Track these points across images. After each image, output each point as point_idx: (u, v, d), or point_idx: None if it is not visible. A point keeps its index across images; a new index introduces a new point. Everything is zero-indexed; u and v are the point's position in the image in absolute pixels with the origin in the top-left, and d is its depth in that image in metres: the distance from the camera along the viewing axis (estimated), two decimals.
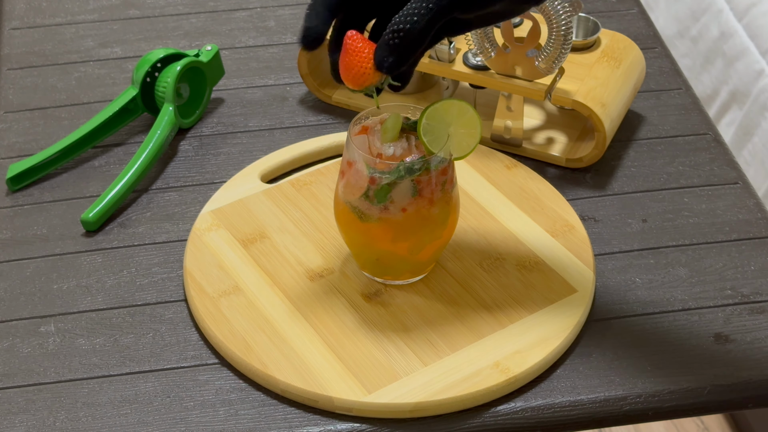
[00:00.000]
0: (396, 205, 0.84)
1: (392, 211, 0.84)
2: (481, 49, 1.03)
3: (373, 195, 0.84)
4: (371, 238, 0.87)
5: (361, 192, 0.84)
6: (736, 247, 0.97)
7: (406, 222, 0.85)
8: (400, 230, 0.85)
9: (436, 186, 0.84)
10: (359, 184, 0.84)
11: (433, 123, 0.83)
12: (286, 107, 1.14)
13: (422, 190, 0.84)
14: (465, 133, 0.84)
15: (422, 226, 0.86)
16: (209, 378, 0.87)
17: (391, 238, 0.86)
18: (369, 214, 0.85)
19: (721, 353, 0.88)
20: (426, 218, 0.85)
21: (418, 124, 0.82)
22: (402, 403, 0.82)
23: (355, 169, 0.84)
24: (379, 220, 0.85)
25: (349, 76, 0.79)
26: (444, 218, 0.87)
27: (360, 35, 0.79)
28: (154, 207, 1.02)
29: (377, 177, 0.83)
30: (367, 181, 0.83)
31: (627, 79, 1.07)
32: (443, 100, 0.84)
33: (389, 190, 0.83)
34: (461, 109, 0.83)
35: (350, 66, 0.79)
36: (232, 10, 1.28)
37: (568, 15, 0.97)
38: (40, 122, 1.12)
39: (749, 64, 1.59)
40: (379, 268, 0.90)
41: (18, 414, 0.84)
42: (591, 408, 0.84)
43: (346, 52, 0.79)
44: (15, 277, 0.95)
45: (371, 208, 0.84)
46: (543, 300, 0.90)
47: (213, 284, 0.92)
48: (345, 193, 0.86)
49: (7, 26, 1.26)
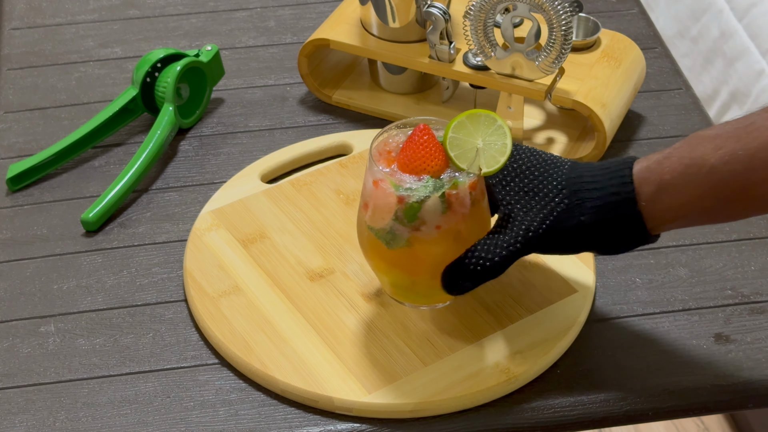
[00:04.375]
0: (428, 225, 0.80)
1: (424, 231, 0.80)
2: (481, 49, 1.03)
3: (403, 215, 0.80)
4: (405, 262, 0.83)
5: (390, 215, 0.80)
6: (737, 247, 0.97)
7: (440, 240, 0.81)
8: (434, 249, 0.82)
9: (467, 201, 0.81)
10: (388, 207, 0.80)
11: (460, 136, 0.80)
12: (286, 107, 1.14)
13: (452, 206, 0.80)
14: (494, 145, 0.80)
15: (455, 243, 0.81)
16: (209, 378, 0.87)
17: (424, 260, 0.82)
18: (400, 237, 0.81)
19: (722, 353, 0.88)
20: (458, 234, 0.81)
21: (444, 138, 0.79)
22: (402, 403, 0.82)
23: (381, 191, 0.80)
24: (409, 243, 0.81)
25: (408, 166, 0.79)
26: (478, 233, 0.82)
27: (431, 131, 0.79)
28: (154, 207, 1.02)
29: (406, 195, 0.79)
30: (396, 201, 0.80)
31: (627, 79, 1.07)
32: (469, 111, 0.80)
33: (419, 208, 0.79)
34: (488, 120, 0.80)
35: (414, 157, 0.79)
36: (232, 10, 1.28)
37: (568, 15, 0.97)
38: (40, 122, 1.12)
39: (749, 65, 1.59)
40: (412, 293, 0.87)
41: (18, 414, 0.84)
42: (591, 408, 0.84)
43: (413, 143, 0.79)
44: (15, 277, 0.95)
45: (402, 230, 0.80)
46: (543, 300, 0.90)
47: (213, 284, 0.92)
48: (374, 219, 0.82)
49: (7, 26, 1.26)
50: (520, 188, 0.81)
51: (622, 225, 0.78)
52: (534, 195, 0.80)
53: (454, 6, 1.10)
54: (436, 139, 0.79)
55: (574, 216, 0.79)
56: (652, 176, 0.77)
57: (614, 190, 0.78)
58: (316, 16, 1.27)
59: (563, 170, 0.81)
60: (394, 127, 0.83)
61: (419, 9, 1.07)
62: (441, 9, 1.04)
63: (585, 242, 0.80)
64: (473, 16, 1.01)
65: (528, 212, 0.80)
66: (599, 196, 0.78)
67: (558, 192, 0.80)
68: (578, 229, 0.79)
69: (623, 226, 0.78)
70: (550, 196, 0.80)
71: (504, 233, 0.80)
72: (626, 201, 0.77)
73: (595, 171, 0.80)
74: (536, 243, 0.80)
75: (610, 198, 0.78)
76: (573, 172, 0.80)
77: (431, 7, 1.04)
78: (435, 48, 1.06)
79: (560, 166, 0.81)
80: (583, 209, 0.78)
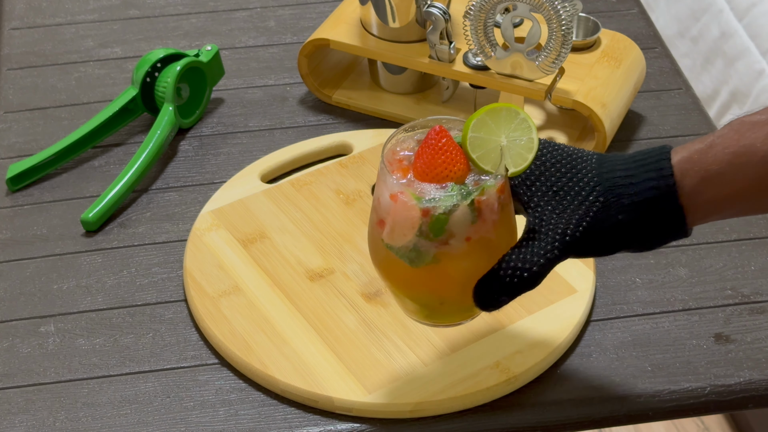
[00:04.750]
0: (457, 237, 0.73)
1: (453, 245, 0.73)
2: (481, 49, 1.03)
3: (428, 229, 0.72)
4: (431, 281, 0.75)
5: (413, 231, 0.73)
6: (737, 247, 0.97)
7: (470, 252, 0.74)
8: (464, 264, 0.74)
9: (496, 207, 0.73)
10: (410, 222, 0.72)
11: (481, 135, 0.72)
12: (286, 107, 1.14)
13: (482, 213, 0.73)
14: (519, 142, 0.73)
15: (486, 254, 0.74)
16: (209, 378, 0.87)
17: (453, 276, 0.75)
18: (425, 254, 0.73)
19: (722, 353, 0.88)
20: (489, 244, 0.74)
21: (464, 139, 0.72)
22: (402, 403, 0.82)
23: (401, 205, 0.72)
24: (436, 259, 0.73)
25: (428, 174, 0.72)
26: (508, 240, 0.75)
27: (448, 133, 0.72)
28: (154, 207, 1.02)
29: (431, 207, 0.71)
30: (419, 215, 0.72)
31: (627, 79, 1.07)
32: (488, 107, 0.72)
33: (446, 220, 0.72)
34: (510, 114, 0.72)
35: (433, 163, 0.71)
36: (232, 10, 1.28)
37: (568, 15, 0.97)
38: (40, 122, 1.12)
39: (750, 64, 1.59)
40: (438, 313, 0.80)
41: (18, 414, 0.84)
42: (591, 408, 0.84)
43: (431, 148, 0.72)
44: (15, 277, 0.95)
45: (428, 246, 0.73)
46: (543, 300, 0.90)
47: (213, 284, 0.92)
48: (393, 237, 0.74)
49: (7, 26, 1.26)
50: (548, 188, 0.75)
51: (661, 221, 0.72)
52: (565, 194, 0.74)
53: (454, 6, 1.10)
54: (455, 141, 0.72)
55: (611, 215, 0.73)
56: (694, 167, 0.71)
57: (653, 185, 0.72)
58: (316, 16, 1.27)
59: (591, 164, 0.75)
60: (401, 131, 0.76)
61: (419, 9, 1.07)
62: (441, 9, 1.03)
63: (622, 242, 0.74)
64: (473, 16, 1.01)
65: (561, 214, 0.74)
66: (637, 191, 0.72)
67: (591, 189, 0.73)
68: (617, 229, 0.73)
69: (662, 223, 0.72)
70: (583, 194, 0.73)
71: (539, 239, 0.73)
72: (667, 195, 0.71)
73: (628, 164, 0.74)
74: (574, 247, 0.73)
75: (648, 193, 0.72)
76: (603, 166, 0.74)
77: (431, 6, 1.04)
78: (435, 48, 1.06)
79: (587, 160, 0.75)
80: (621, 207, 0.72)
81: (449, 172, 0.72)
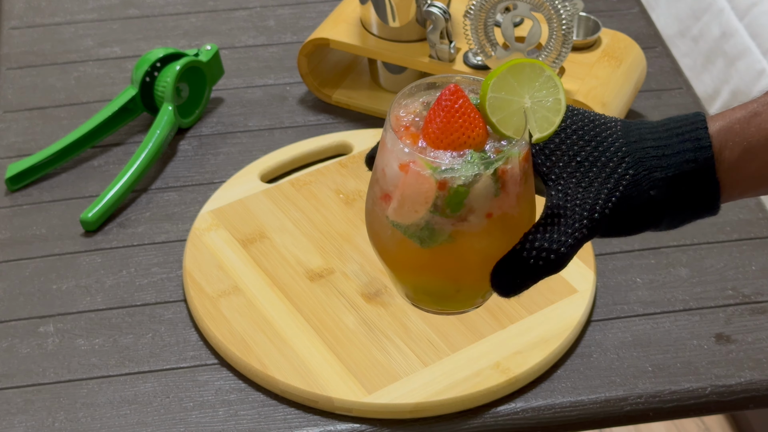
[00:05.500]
0: (477, 213, 0.63)
1: (472, 222, 0.63)
2: (481, 48, 1.02)
3: (445, 204, 0.62)
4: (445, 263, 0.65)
5: (426, 206, 0.62)
6: (737, 247, 0.97)
7: (490, 230, 0.64)
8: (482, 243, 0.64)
9: (520, 178, 0.64)
10: (423, 196, 0.62)
11: (502, 95, 0.62)
12: (285, 107, 1.14)
13: (506, 185, 0.63)
14: (545, 103, 0.63)
15: (506, 232, 0.65)
16: (209, 378, 0.86)
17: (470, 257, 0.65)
18: (439, 232, 0.63)
19: (722, 353, 0.87)
20: (510, 221, 0.64)
21: (482, 100, 0.62)
22: (402, 403, 0.82)
23: (413, 176, 0.62)
24: (451, 238, 0.63)
25: (443, 141, 0.62)
26: (529, 217, 0.66)
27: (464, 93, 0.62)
28: (154, 207, 1.02)
29: (449, 178, 0.61)
30: (435, 187, 0.62)
31: (628, 78, 1.07)
32: (509, 62, 0.63)
33: (466, 193, 0.62)
34: (534, 72, 0.63)
35: (449, 128, 0.62)
36: (232, 10, 1.28)
37: (568, 14, 0.97)
38: (39, 122, 1.12)
39: (750, 64, 1.59)
40: (446, 299, 0.69)
41: (17, 415, 0.84)
42: (592, 408, 0.84)
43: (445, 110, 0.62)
44: (14, 277, 0.95)
45: (444, 223, 0.63)
46: (543, 300, 0.89)
47: (212, 284, 0.92)
48: (401, 214, 0.64)
49: (6, 26, 1.26)
50: (571, 157, 0.66)
51: (696, 198, 0.65)
52: (591, 166, 0.65)
53: (455, 5, 1.10)
54: (472, 103, 0.62)
55: (642, 190, 0.65)
56: (735, 138, 0.64)
57: (689, 157, 0.64)
58: (315, 15, 1.26)
59: (617, 132, 0.66)
60: (405, 95, 0.66)
61: (419, 8, 1.06)
62: (441, 8, 1.03)
63: (652, 220, 0.66)
64: (473, 16, 1.00)
65: (588, 188, 0.65)
66: (670, 164, 0.64)
67: (620, 161, 0.65)
68: (648, 206, 0.65)
69: (696, 200, 0.65)
70: (611, 166, 0.65)
71: (565, 216, 0.64)
72: (704, 170, 0.64)
73: (659, 133, 0.66)
74: (603, 225, 0.65)
75: (684, 167, 0.64)
76: (630, 134, 0.66)
77: (431, 6, 1.03)
78: (435, 47, 1.05)
79: (612, 127, 0.67)
80: (653, 181, 0.64)
81: (467, 137, 0.62)
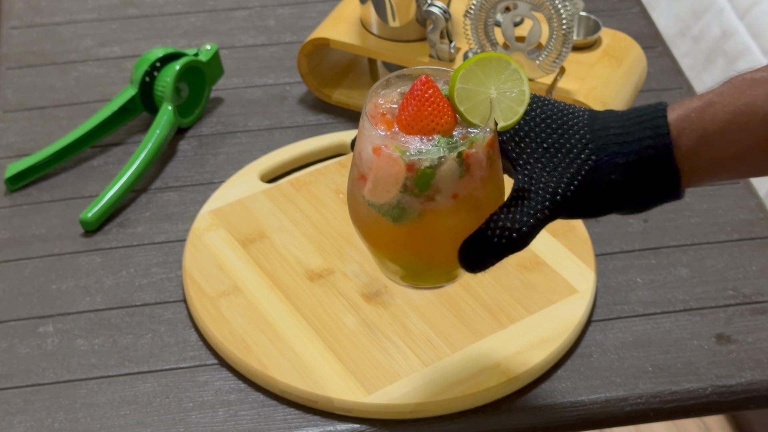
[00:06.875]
0: (443, 193, 0.69)
1: (439, 201, 0.69)
2: (481, 48, 1.02)
3: (413, 185, 0.69)
4: (415, 240, 0.72)
5: (397, 187, 0.69)
6: (738, 247, 0.97)
7: (457, 209, 0.70)
8: (450, 221, 0.71)
9: (485, 162, 0.70)
10: (394, 177, 0.69)
11: (470, 86, 0.68)
12: (285, 107, 1.14)
13: (470, 168, 0.69)
14: (509, 94, 0.69)
15: (473, 212, 0.71)
16: (208, 378, 0.86)
17: (438, 235, 0.71)
18: (410, 210, 0.70)
19: (723, 354, 0.87)
20: (476, 201, 0.71)
21: (451, 91, 0.68)
22: (402, 403, 0.82)
23: (384, 159, 0.69)
24: (420, 216, 0.70)
25: (414, 127, 0.68)
26: (496, 198, 0.72)
27: (434, 83, 0.69)
28: (153, 207, 1.02)
29: (416, 161, 0.68)
30: (404, 169, 0.68)
31: (628, 78, 1.07)
32: (477, 56, 0.69)
33: (433, 174, 0.68)
34: (501, 65, 0.69)
35: (419, 115, 0.68)
36: (232, 9, 1.28)
37: (569, 14, 0.97)
38: (38, 122, 1.12)
39: (751, 64, 1.58)
40: (420, 275, 0.76)
41: (16, 415, 0.84)
42: (592, 409, 0.84)
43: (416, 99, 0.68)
44: (13, 277, 0.95)
45: (413, 202, 0.69)
46: (544, 300, 0.89)
47: (212, 284, 0.91)
48: (376, 193, 0.71)
49: (6, 25, 1.26)
50: (538, 144, 0.71)
51: (656, 183, 0.69)
52: (556, 152, 0.70)
53: (455, 5, 1.10)
54: (442, 93, 0.68)
55: (604, 174, 0.69)
56: (692, 126, 0.67)
57: (649, 143, 0.68)
58: (315, 15, 1.26)
59: (583, 120, 0.71)
60: (381, 86, 0.72)
61: (419, 8, 1.06)
62: (441, 8, 1.03)
63: (615, 203, 0.70)
64: (474, 15, 1.00)
65: (552, 172, 0.70)
66: (631, 150, 0.68)
67: (583, 147, 0.70)
68: (610, 190, 0.69)
69: (657, 184, 0.69)
70: (575, 152, 0.70)
71: (528, 198, 0.70)
72: (663, 156, 0.68)
73: (622, 120, 0.70)
74: (564, 207, 0.70)
75: (644, 152, 0.68)
76: (595, 122, 0.71)
77: (431, 6, 1.03)
78: (435, 47, 1.05)
79: (579, 116, 0.71)
80: (614, 166, 0.69)
81: (436, 124, 0.68)
